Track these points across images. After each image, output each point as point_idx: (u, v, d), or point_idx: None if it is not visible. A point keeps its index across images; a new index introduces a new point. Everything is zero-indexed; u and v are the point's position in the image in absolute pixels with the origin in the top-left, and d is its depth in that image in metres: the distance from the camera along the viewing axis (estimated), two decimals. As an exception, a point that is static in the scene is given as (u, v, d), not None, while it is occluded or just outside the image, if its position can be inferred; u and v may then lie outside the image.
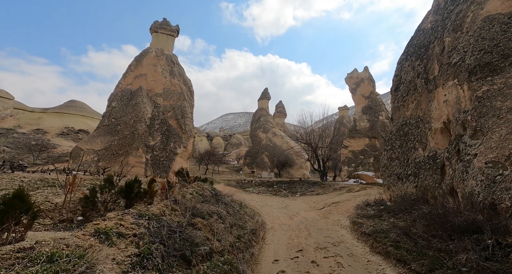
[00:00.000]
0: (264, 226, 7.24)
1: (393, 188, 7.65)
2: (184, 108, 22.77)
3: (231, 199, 7.21)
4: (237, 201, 8.85)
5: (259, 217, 7.42)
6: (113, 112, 20.95)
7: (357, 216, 7.07)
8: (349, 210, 10.57)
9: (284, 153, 34.12)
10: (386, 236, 4.75)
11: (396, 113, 8.84)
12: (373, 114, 26.57)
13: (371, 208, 7.41)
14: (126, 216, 2.26)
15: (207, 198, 4.88)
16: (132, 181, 3.19)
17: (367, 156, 25.60)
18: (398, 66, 9.63)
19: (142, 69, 23.11)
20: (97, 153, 18.94)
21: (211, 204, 4.60)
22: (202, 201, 4.44)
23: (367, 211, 7.26)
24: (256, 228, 5.55)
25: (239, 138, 73.32)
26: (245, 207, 8.61)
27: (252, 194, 18.97)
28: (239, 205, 7.13)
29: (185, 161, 22.42)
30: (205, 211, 3.72)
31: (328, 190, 19.03)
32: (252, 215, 6.98)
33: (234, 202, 7.20)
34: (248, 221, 5.76)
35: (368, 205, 7.81)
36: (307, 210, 12.12)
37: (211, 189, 5.89)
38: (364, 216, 6.72)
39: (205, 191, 5.29)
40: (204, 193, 5.10)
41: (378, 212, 6.66)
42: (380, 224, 5.44)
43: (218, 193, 6.08)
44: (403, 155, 7.64)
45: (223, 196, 6.16)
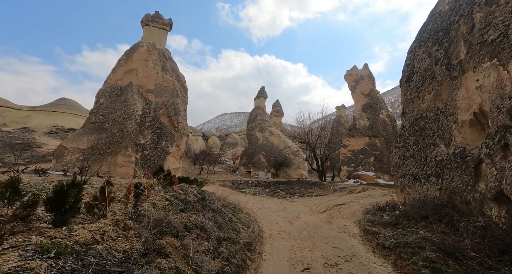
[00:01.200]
0: (261, 235, 6.23)
1: (408, 190, 6.70)
2: (177, 105, 21.66)
3: (222, 203, 6.19)
4: (230, 205, 7.81)
5: (255, 225, 6.42)
6: (100, 108, 19.77)
7: (368, 223, 6.10)
8: (355, 213, 9.62)
9: (281, 153, 33.18)
10: (414, 252, 3.78)
11: (408, 106, 7.90)
12: (373, 112, 25.74)
13: (384, 213, 6.46)
14: (10, 253, 1.27)
15: (190, 204, 3.89)
16: (68, 186, 2.17)
17: (367, 155, 24.76)
18: (410, 54, 8.70)
19: (133, 64, 21.94)
20: (83, 152, 17.75)
21: (194, 212, 3.60)
22: (182, 209, 3.44)
23: (380, 217, 6.29)
24: (251, 240, 4.56)
25: (235, 138, 72.24)
26: (240, 211, 7.59)
27: (248, 195, 17.95)
28: (232, 211, 6.13)
29: (178, 160, 21.32)
30: (181, 225, 2.73)
31: (328, 191, 18.11)
32: (247, 222, 5.98)
33: (226, 207, 6.19)
34: (242, 231, 4.76)
35: (380, 210, 6.86)
36: (307, 213, 11.15)
37: (197, 192, 4.90)
38: (378, 224, 5.75)
39: (189, 196, 4.29)
40: (187, 198, 4.10)
41: (393, 218, 5.70)
42: (402, 236, 4.47)
43: (207, 197, 5.08)
44: (420, 153, 6.70)
45: (213, 201, 5.16)
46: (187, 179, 6.64)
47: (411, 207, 6.36)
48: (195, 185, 5.92)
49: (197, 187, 5.69)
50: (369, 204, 10.81)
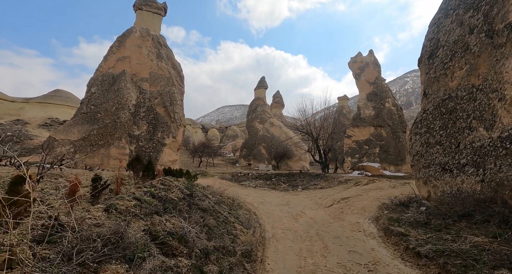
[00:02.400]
0: (263, 236, 5.31)
1: (434, 183, 5.75)
2: (173, 94, 20.57)
3: (218, 199, 5.25)
4: (228, 200, 6.88)
5: (256, 224, 5.49)
6: (92, 98, 18.70)
7: (389, 221, 5.17)
8: (366, 208, 8.72)
9: (282, 144, 32.23)
10: (466, 265, 2.84)
11: (432, 86, 6.85)
12: (379, 101, 24.62)
13: (407, 210, 5.53)
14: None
15: (172, 203, 2.97)
16: None
17: (372, 146, 23.79)
18: (432, 28, 7.58)
19: (125, 51, 20.72)
20: (74, 144, 16.80)
21: (175, 214, 2.70)
22: (156, 211, 2.52)
23: (402, 214, 5.36)
24: (252, 246, 3.63)
25: (235, 130, 71.26)
26: (239, 208, 6.67)
27: (248, 188, 17.12)
28: (229, 207, 5.20)
29: (175, 152, 20.40)
30: (144, 238, 1.79)
31: (333, 183, 17.24)
32: (247, 221, 5.06)
33: (222, 203, 5.26)
34: (240, 234, 3.84)
35: (401, 205, 5.92)
36: (313, 207, 10.27)
37: (185, 187, 3.96)
38: (402, 222, 4.82)
39: (172, 192, 3.37)
40: (169, 196, 3.17)
41: (421, 216, 4.76)
42: (442, 240, 3.53)
43: (197, 193, 4.15)
44: (449, 139, 5.70)
45: (204, 197, 4.22)
46: (176, 172, 5.68)
47: (439, 203, 5.42)
48: (184, 178, 4.98)
49: (187, 181, 4.75)
50: (382, 198, 9.90)
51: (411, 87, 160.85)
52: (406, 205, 5.73)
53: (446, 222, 4.11)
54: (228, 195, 9.99)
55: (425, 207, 5.25)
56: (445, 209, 4.63)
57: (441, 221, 4.24)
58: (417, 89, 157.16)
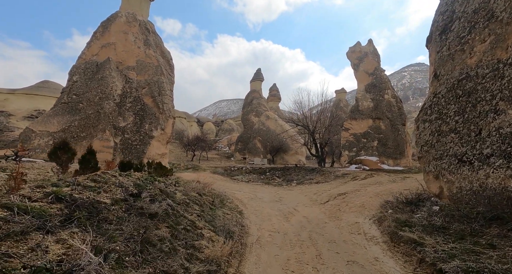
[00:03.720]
0: (244, 243, 4.40)
1: (449, 177, 4.86)
2: (161, 84, 19.41)
3: (191, 198, 4.29)
4: (209, 197, 5.91)
5: (236, 228, 4.56)
6: (74, 87, 17.49)
7: (396, 223, 4.28)
8: (365, 205, 7.86)
9: (278, 138, 31.30)
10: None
11: (445, 65, 5.90)
12: (378, 92, 23.69)
13: (416, 209, 4.65)
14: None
15: (91, 210, 2.01)
16: None
17: (370, 139, 22.97)
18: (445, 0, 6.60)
19: (110, 37, 19.42)
20: (53, 136, 15.69)
21: (86, 228, 1.73)
22: (38, 227, 1.53)
23: (411, 214, 4.47)
24: (219, 262, 2.71)
25: (231, 124, 70.14)
26: (221, 206, 5.74)
27: (240, 183, 16.24)
28: (201, 209, 4.26)
29: (164, 145, 19.37)
30: None
31: (329, 177, 16.41)
32: (223, 225, 4.13)
33: (195, 202, 4.31)
34: (207, 246, 2.90)
35: (408, 203, 5.04)
36: (307, 204, 9.41)
37: (134, 184, 3.01)
38: (413, 226, 3.93)
39: (107, 192, 2.45)
40: (96, 198, 2.20)
41: (437, 218, 3.88)
42: (473, 254, 2.65)
43: (152, 192, 3.17)
44: (467, 125, 4.78)
45: (161, 196, 3.24)
46: (140, 165, 4.70)
47: (455, 201, 4.54)
48: (145, 172, 4.02)
49: (148, 176, 3.80)
50: (382, 193, 9.06)
51: (408, 82, 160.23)
52: (415, 204, 4.85)
53: (472, 227, 3.24)
54: (213, 191, 9.08)
55: (438, 206, 4.38)
56: (466, 210, 3.75)
57: (464, 225, 3.37)
58: (414, 84, 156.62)
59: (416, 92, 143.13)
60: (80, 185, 2.44)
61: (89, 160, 3.23)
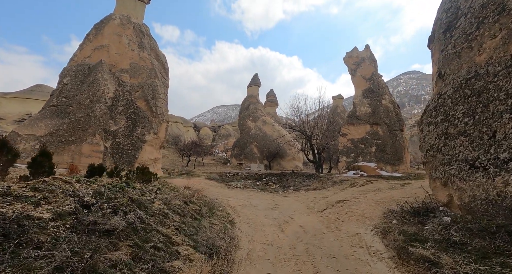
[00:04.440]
0: (231, 259, 3.87)
1: (459, 185, 4.40)
2: (155, 87, 18.96)
3: (173, 206, 3.77)
4: (196, 205, 5.40)
5: (223, 242, 4.03)
6: (64, 89, 16.97)
7: (404, 236, 3.79)
8: (366, 214, 7.37)
9: (274, 143, 30.84)
10: None
11: (450, 64, 5.52)
12: (375, 98, 23.46)
13: (425, 220, 4.17)
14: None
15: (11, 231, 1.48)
16: None
17: (368, 145, 22.60)
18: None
19: (103, 39, 19.02)
20: (39, 140, 15.06)
21: None
22: None
23: (420, 227, 3.99)
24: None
25: (228, 129, 69.62)
26: (209, 216, 5.21)
27: (235, 190, 15.66)
28: (182, 220, 3.74)
29: (157, 150, 18.79)
30: None
31: (327, 184, 15.91)
32: (207, 239, 3.60)
33: (176, 212, 3.79)
34: (182, 268, 2.39)
35: (415, 214, 4.56)
36: (304, 212, 8.88)
37: (95, 192, 2.49)
38: (423, 239, 3.44)
39: (50, 204, 1.95)
40: (26, 213, 1.69)
41: (453, 232, 3.40)
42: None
43: (115, 201, 2.63)
44: (479, 127, 4.36)
45: (132, 208, 2.71)
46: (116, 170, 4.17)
47: (468, 211, 4.07)
48: (124, 177, 3.50)
49: (122, 182, 3.29)
50: (383, 201, 8.58)
51: (404, 89, 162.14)
52: (423, 214, 4.38)
53: (495, 244, 2.78)
54: (204, 198, 8.54)
55: (449, 217, 3.92)
56: (484, 223, 3.28)
57: (486, 241, 2.90)
58: (410, 91, 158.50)
59: (412, 99, 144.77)
60: (12, 195, 1.94)
61: (41, 163, 2.71)
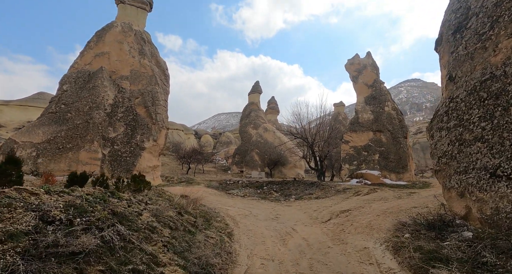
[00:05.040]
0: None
1: (479, 196, 4.01)
2: (155, 94, 18.80)
3: (164, 219, 3.42)
4: (188, 217, 5.03)
5: (218, 259, 3.63)
6: (63, 96, 16.82)
7: (421, 254, 3.39)
8: (373, 226, 6.93)
9: (276, 150, 30.44)
10: None
11: (462, 66, 5.23)
12: (378, 104, 23.19)
13: (443, 235, 3.76)
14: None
15: None
16: None
17: (371, 152, 22.18)
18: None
19: (104, 46, 19.03)
20: (36, 147, 14.80)
21: None
22: None
23: (439, 244, 3.58)
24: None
25: (229, 136, 69.34)
26: (205, 228, 4.84)
27: (235, 198, 15.19)
28: (172, 234, 3.37)
29: (156, 157, 18.45)
30: None
31: (330, 192, 15.43)
32: (200, 257, 3.21)
33: (167, 224, 3.43)
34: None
35: (429, 227, 4.15)
36: (307, 223, 8.44)
37: (66, 205, 2.15)
38: (446, 260, 3.04)
39: (9, 221, 1.63)
40: None
41: (481, 250, 3.00)
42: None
43: (86, 216, 2.26)
44: (499, 132, 4.01)
45: (109, 224, 2.33)
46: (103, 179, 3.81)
47: (491, 225, 3.67)
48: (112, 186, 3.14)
49: (107, 191, 2.94)
50: (390, 211, 8.14)
51: (405, 97, 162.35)
52: (439, 228, 3.97)
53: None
54: (201, 208, 8.14)
55: (470, 232, 3.52)
56: None
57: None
58: (411, 99, 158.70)
59: (413, 107, 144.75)
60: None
61: (5, 172, 2.37)
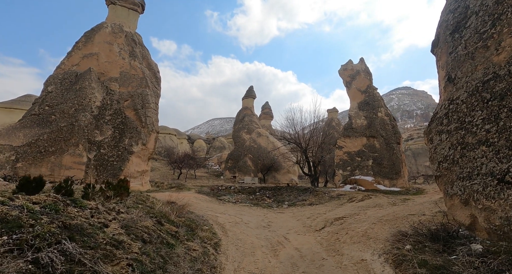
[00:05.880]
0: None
1: (486, 204, 3.68)
2: (145, 96, 18.28)
3: (131, 231, 2.97)
4: (170, 227, 4.58)
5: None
6: (48, 98, 16.14)
7: (427, 270, 3.01)
8: (369, 234, 6.55)
9: (269, 156, 30.04)
10: None
11: (462, 66, 5.00)
12: (371, 110, 23.16)
13: (448, 248, 3.40)
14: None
15: None
16: None
17: (365, 158, 22.00)
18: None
19: (93, 47, 18.50)
20: (16, 150, 14.02)
21: None
22: None
23: (446, 258, 3.21)
24: None
25: (223, 141, 68.68)
26: (187, 238, 4.41)
27: (226, 205, 14.66)
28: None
29: (145, 162, 17.80)
30: None
31: (323, 198, 15.06)
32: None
33: (140, 236, 2.98)
34: None
35: (433, 238, 3.79)
36: (300, 231, 8.00)
37: None
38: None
39: None
40: None
41: (498, 265, 2.64)
42: None
43: (38, 232, 1.85)
44: (506, 135, 3.73)
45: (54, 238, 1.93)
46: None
47: (500, 237, 3.33)
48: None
49: (65, 199, 2.49)
50: (386, 218, 7.79)
51: (397, 104, 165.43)
52: (443, 239, 3.61)
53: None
54: (188, 215, 7.64)
55: (480, 244, 3.18)
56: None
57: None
58: (402, 106, 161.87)
59: (405, 114, 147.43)
60: None
61: None
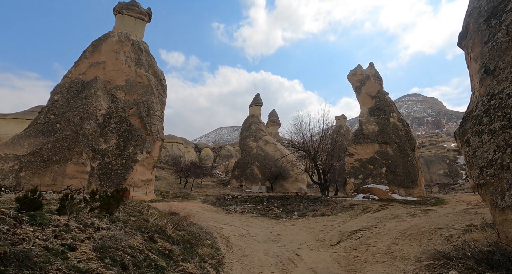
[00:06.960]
0: None
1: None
2: (151, 104, 18.04)
3: (112, 253, 2.36)
4: (164, 244, 3.93)
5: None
6: (53, 107, 16.06)
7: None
8: (394, 252, 5.74)
9: (277, 164, 29.23)
10: None
11: (503, 55, 4.39)
12: (383, 115, 22.27)
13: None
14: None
15: None
16: None
17: (377, 165, 20.97)
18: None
19: (100, 56, 18.54)
20: (20, 160, 13.79)
21: None
22: None
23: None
24: None
25: (230, 150, 68.24)
26: (189, 254, 3.74)
27: (232, 215, 13.93)
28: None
29: (149, 170, 17.36)
30: None
31: (336, 209, 14.13)
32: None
33: (112, 267, 2.37)
34: None
35: (489, 265, 3.02)
36: (312, 246, 7.20)
37: None
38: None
39: None
40: None
41: None
42: None
43: None
44: None
45: None
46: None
47: None
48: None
49: (34, 213, 1.95)
50: (410, 233, 6.94)
51: (406, 111, 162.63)
52: (504, 266, 2.85)
53: None
54: (188, 228, 6.99)
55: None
56: None
57: None
58: (412, 113, 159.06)
59: (415, 121, 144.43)
60: None
61: None
